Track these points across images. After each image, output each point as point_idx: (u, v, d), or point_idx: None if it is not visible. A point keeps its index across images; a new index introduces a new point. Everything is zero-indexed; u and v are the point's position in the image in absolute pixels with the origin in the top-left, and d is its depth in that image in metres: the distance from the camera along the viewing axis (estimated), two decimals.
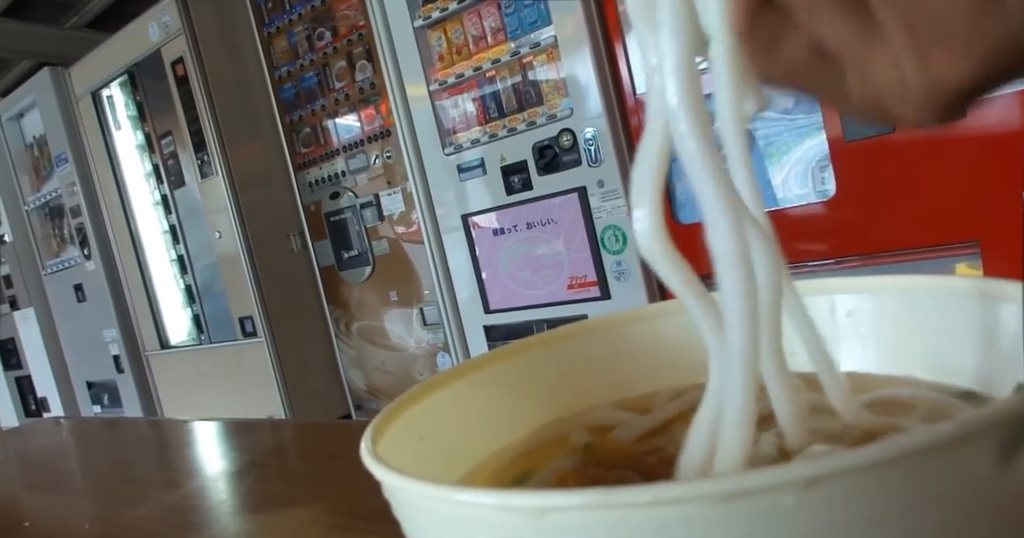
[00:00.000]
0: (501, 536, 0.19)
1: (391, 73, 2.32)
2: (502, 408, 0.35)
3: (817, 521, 0.15)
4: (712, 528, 0.16)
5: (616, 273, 1.98)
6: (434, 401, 0.33)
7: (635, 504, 0.16)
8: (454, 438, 0.33)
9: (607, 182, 1.94)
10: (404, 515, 0.24)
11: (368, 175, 2.51)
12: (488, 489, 0.18)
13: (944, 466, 0.15)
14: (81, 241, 3.42)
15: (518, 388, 0.36)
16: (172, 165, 2.99)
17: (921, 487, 0.15)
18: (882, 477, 0.15)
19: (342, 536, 0.45)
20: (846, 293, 0.29)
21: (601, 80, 1.90)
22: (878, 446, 0.15)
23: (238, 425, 0.98)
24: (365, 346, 2.69)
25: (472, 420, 0.34)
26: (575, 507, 0.17)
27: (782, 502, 0.15)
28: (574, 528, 0.17)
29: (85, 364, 3.65)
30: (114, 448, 1.07)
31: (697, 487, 0.15)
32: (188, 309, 3.21)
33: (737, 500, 0.15)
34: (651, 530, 0.16)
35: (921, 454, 0.15)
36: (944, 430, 0.15)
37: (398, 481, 0.21)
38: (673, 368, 0.33)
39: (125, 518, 0.59)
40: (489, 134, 2.15)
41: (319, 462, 0.72)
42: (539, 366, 0.37)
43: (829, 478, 0.15)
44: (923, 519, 0.15)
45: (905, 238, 1.48)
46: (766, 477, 0.15)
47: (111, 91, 3.18)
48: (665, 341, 0.35)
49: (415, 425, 0.31)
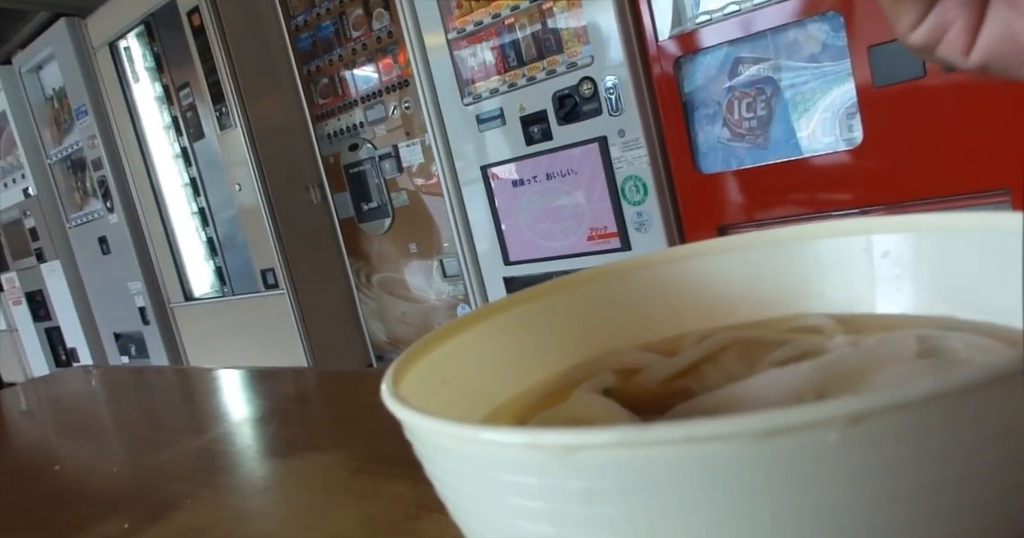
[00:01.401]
0: (527, 476, 0.19)
1: (408, 21, 2.27)
2: (525, 351, 0.35)
3: (862, 460, 0.14)
4: (750, 467, 0.15)
5: (636, 224, 1.96)
6: (456, 344, 0.32)
7: (669, 441, 0.15)
8: (476, 381, 0.33)
9: (628, 132, 1.90)
10: (426, 456, 0.23)
11: (387, 126, 2.49)
12: (513, 427, 0.18)
13: (997, 402, 0.14)
14: (104, 194, 3.45)
15: (541, 331, 0.35)
16: (191, 117, 2.98)
17: (973, 425, 0.14)
18: (933, 414, 0.14)
19: (365, 480, 0.45)
20: (883, 233, 0.28)
21: (623, 27, 1.85)
22: (930, 380, 0.14)
23: (261, 373, 0.99)
24: (385, 298, 2.71)
25: (495, 363, 0.34)
26: (605, 444, 0.16)
27: (825, 439, 0.14)
28: (604, 467, 0.17)
29: (112, 315, 3.71)
30: (141, 395, 1.09)
31: (735, 423, 0.15)
32: (210, 261, 3.24)
33: (777, 437, 0.14)
34: (685, 469, 0.16)
35: (974, 389, 0.14)
36: (999, 363, 0.14)
37: (421, 420, 0.21)
38: (699, 311, 0.33)
39: (152, 462, 0.61)
40: (508, 83, 2.11)
41: (342, 408, 0.73)
42: (562, 310, 0.36)
43: (876, 414, 0.14)
44: (978, 457, 0.15)
45: (933, 187, 1.45)
46: (808, 412, 0.14)
47: (128, 42, 3.15)
48: (690, 283, 0.34)
49: (437, 367, 0.31)
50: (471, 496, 0.22)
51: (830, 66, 1.59)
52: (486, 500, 0.21)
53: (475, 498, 0.22)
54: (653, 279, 0.36)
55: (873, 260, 0.28)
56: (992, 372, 0.14)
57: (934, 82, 1.41)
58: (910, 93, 1.46)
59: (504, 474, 0.20)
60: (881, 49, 1.47)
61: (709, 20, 1.73)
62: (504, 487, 0.20)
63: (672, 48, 1.81)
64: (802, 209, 1.68)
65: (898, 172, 1.51)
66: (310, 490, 0.46)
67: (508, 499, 0.20)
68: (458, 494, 0.23)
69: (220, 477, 0.54)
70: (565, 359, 0.35)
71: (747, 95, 1.75)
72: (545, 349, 0.35)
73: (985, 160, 1.40)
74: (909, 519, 0.15)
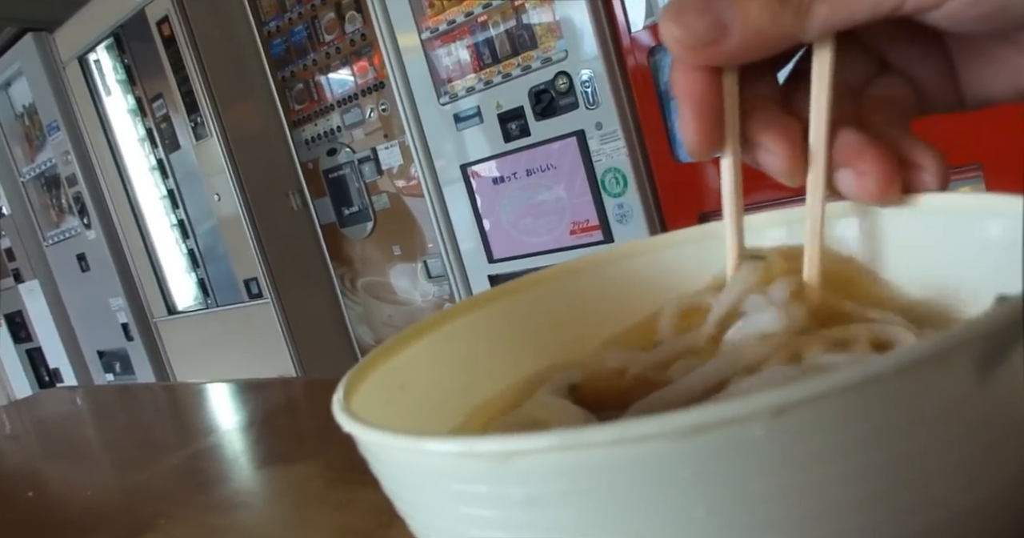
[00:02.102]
0: (474, 485, 0.19)
1: (381, 23, 2.26)
2: (489, 354, 0.35)
3: (788, 450, 0.14)
4: (682, 465, 0.15)
5: (618, 216, 1.96)
6: (416, 350, 0.32)
7: (600, 443, 0.15)
8: (439, 386, 0.32)
9: (605, 124, 1.90)
10: (379, 470, 0.23)
11: (364, 129, 2.48)
12: (450, 436, 0.17)
13: (922, 386, 0.14)
14: (80, 210, 3.41)
15: (506, 332, 0.35)
16: (165, 128, 2.96)
17: (898, 410, 0.14)
18: (856, 401, 0.14)
19: (341, 489, 0.45)
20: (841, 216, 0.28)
21: (596, 20, 1.85)
22: (851, 368, 0.14)
23: (247, 385, 0.99)
24: (371, 302, 2.70)
25: (457, 367, 0.33)
26: (539, 450, 0.16)
27: (751, 433, 0.14)
28: (541, 472, 0.16)
29: (94, 333, 3.67)
30: (125, 414, 1.08)
31: (662, 422, 0.14)
32: (192, 274, 3.22)
33: (704, 433, 0.14)
34: (619, 471, 0.15)
35: (898, 375, 0.14)
36: (921, 348, 0.14)
37: (363, 433, 0.21)
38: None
39: (129, 482, 0.60)
40: (484, 81, 2.11)
41: (324, 418, 0.72)
42: (526, 309, 0.36)
43: (799, 405, 0.14)
44: (900, 443, 0.14)
45: None
46: (733, 407, 0.14)
47: (98, 55, 3.12)
48: (658, 275, 0.34)
49: (396, 374, 0.30)
50: (426, 508, 0.22)
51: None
52: (440, 511, 0.21)
53: (430, 510, 0.22)
54: (617, 274, 0.36)
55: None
56: (911, 359, 0.14)
57: None
58: None
59: (454, 484, 0.19)
60: None
61: None
62: (455, 497, 0.20)
63: (646, 39, 1.81)
64: (780, 193, 1.68)
65: None
66: (286, 503, 0.45)
67: (461, 509, 0.20)
68: (413, 507, 0.23)
69: (196, 495, 0.53)
70: (534, 358, 0.35)
71: None
72: (511, 350, 0.35)
73: (958, 137, 1.40)
74: (840, 506, 0.15)
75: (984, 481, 0.16)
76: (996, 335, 0.15)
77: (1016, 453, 0.17)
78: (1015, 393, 0.16)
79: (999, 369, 0.15)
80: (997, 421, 0.16)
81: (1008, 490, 0.17)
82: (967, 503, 0.16)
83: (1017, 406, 0.16)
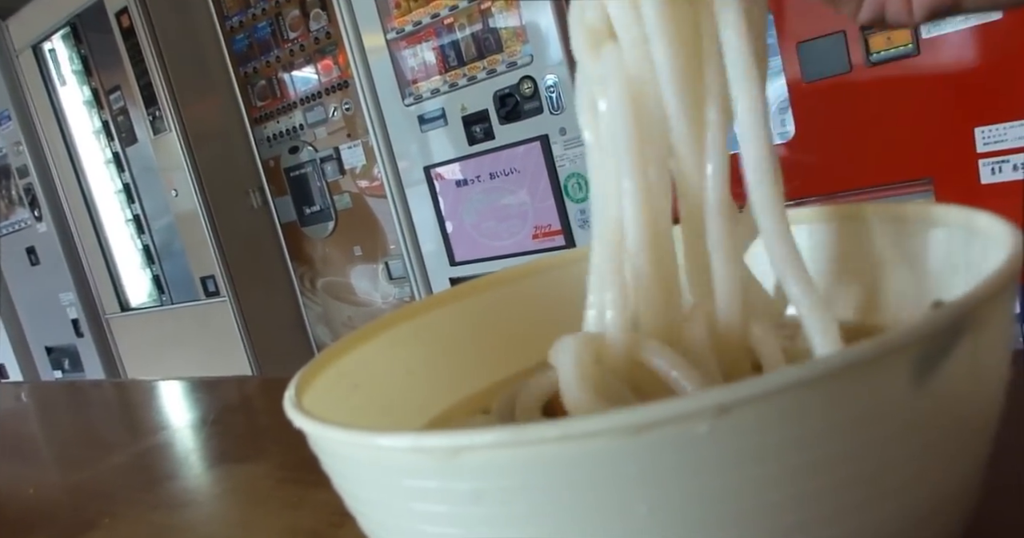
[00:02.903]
0: (425, 480, 0.19)
1: (346, 22, 2.24)
2: (444, 355, 0.35)
3: (731, 448, 0.15)
4: (626, 462, 0.15)
5: (580, 221, 1.97)
6: (370, 349, 0.32)
7: (546, 440, 0.15)
8: (392, 386, 0.32)
9: (569, 130, 1.91)
10: (329, 467, 0.23)
11: (327, 128, 2.45)
12: (401, 432, 0.17)
13: (860, 388, 0.15)
14: (31, 202, 3.32)
15: (460, 334, 0.35)
16: (122, 121, 2.89)
17: (837, 410, 0.15)
18: (797, 401, 0.14)
19: (291, 489, 0.44)
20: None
21: (561, 26, 1.86)
22: (792, 369, 0.14)
23: (200, 383, 0.97)
24: (331, 302, 2.67)
25: (411, 367, 0.33)
26: (486, 445, 0.16)
27: (694, 431, 0.14)
28: (488, 467, 0.16)
29: (43, 329, 3.57)
30: (72, 411, 1.05)
31: (608, 419, 0.15)
32: (147, 270, 3.15)
33: (649, 431, 0.14)
34: (564, 467, 0.15)
35: (836, 376, 0.14)
36: (859, 351, 0.14)
37: (314, 428, 0.20)
38: None
39: (74, 480, 0.58)
40: (449, 83, 2.10)
41: (277, 416, 0.71)
42: (481, 311, 0.36)
43: (742, 404, 0.14)
44: (840, 442, 0.15)
45: (863, 177, 1.49)
46: (678, 405, 0.14)
47: (53, 44, 3.04)
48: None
49: (349, 373, 0.30)
50: (377, 504, 0.22)
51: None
52: (391, 507, 0.21)
53: (381, 506, 0.22)
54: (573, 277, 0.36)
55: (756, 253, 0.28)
56: (849, 361, 0.14)
57: (860, 77, 1.46)
58: (838, 88, 1.50)
59: (404, 479, 0.19)
60: (810, 45, 1.50)
61: None
62: (406, 493, 0.20)
63: None
64: (740, 202, 1.72)
65: (830, 164, 1.55)
66: (236, 502, 0.45)
67: (411, 505, 0.20)
68: (365, 504, 0.23)
69: (143, 493, 0.52)
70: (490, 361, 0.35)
71: None
72: (469, 351, 0.35)
73: (909, 151, 1.45)
74: (778, 503, 0.15)
75: (922, 480, 0.17)
76: (931, 340, 0.15)
77: (953, 453, 0.17)
78: (951, 395, 0.16)
79: (935, 372, 0.15)
80: (934, 422, 0.16)
81: (946, 489, 0.18)
82: (906, 501, 0.17)
83: (953, 408, 0.17)
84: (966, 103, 1.37)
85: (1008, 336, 0.17)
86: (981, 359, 0.16)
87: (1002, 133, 1.35)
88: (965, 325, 0.15)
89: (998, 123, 1.34)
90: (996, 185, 1.36)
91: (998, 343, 0.17)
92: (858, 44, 1.44)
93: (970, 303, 0.16)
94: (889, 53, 1.43)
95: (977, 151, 1.37)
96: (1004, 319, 0.17)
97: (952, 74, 1.38)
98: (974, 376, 0.16)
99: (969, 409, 0.17)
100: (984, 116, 1.36)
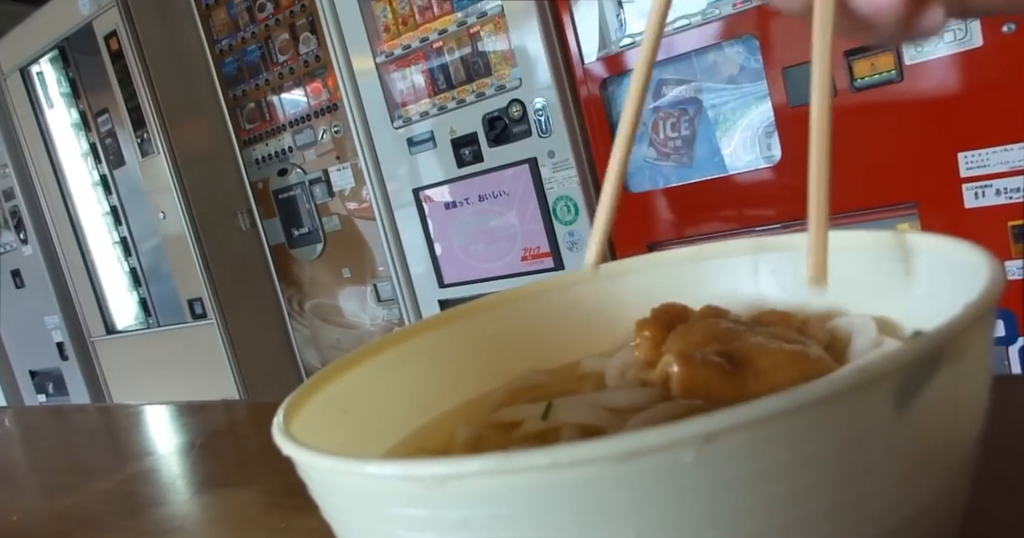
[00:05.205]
0: (412, 508, 0.19)
1: (336, 45, 2.26)
2: (433, 379, 0.35)
3: (717, 476, 0.15)
4: (614, 489, 0.15)
5: (569, 243, 1.98)
6: (359, 374, 0.32)
7: (534, 467, 0.15)
8: (382, 411, 0.32)
9: (558, 153, 1.93)
10: (317, 495, 0.23)
11: (316, 151, 2.46)
12: (388, 460, 0.18)
13: (843, 415, 0.15)
14: (16, 225, 3.30)
15: (449, 358, 0.35)
16: (110, 144, 2.89)
17: (821, 437, 0.15)
18: (781, 428, 0.14)
19: (278, 515, 0.44)
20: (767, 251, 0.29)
21: (550, 50, 1.88)
22: (776, 398, 0.14)
23: (187, 407, 0.96)
24: (319, 324, 2.66)
25: (401, 392, 0.33)
26: (473, 473, 0.16)
27: (681, 458, 0.14)
28: (476, 495, 0.17)
29: (27, 352, 3.53)
30: (57, 436, 1.04)
31: (596, 447, 0.15)
32: (134, 292, 3.12)
33: (637, 459, 0.15)
34: (551, 494, 0.16)
35: (820, 404, 0.14)
36: (842, 379, 0.15)
37: (302, 456, 0.20)
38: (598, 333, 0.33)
39: (56, 507, 0.58)
40: (438, 106, 2.12)
41: (265, 441, 0.71)
42: (470, 335, 0.36)
43: (727, 432, 0.14)
44: (823, 469, 0.15)
45: (848, 201, 1.51)
46: (665, 434, 0.14)
47: (41, 67, 3.04)
48: (590, 306, 0.35)
49: (338, 399, 0.30)
50: (365, 532, 0.22)
51: (748, 87, 1.65)
52: (380, 535, 0.21)
53: (369, 533, 0.22)
54: (561, 302, 0.36)
55: (759, 279, 0.29)
56: (832, 390, 0.14)
57: (845, 102, 1.48)
58: None
59: (392, 507, 0.19)
60: (794, 71, 1.53)
61: (633, 43, 1.78)
62: (394, 521, 0.20)
63: (598, 70, 1.85)
64: (728, 225, 1.73)
65: None
66: (222, 528, 0.44)
67: (399, 533, 0.20)
68: (353, 531, 0.23)
69: (128, 520, 0.51)
70: (472, 385, 0.35)
71: (671, 115, 1.80)
72: (451, 376, 0.35)
73: (894, 175, 1.46)
74: (764, 529, 0.15)
75: (906, 503, 0.17)
76: (911, 368, 0.15)
77: (934, 477, 0.18)
78: (931, 423, 0.17)
79: (915, 400, 0.16)
80: (915, 449, 0.17)
81: (929, 512, 0.18)
82: (891, 524, 0.17)
83: (933, 435, 0.17)
84: (949, 128, 1.39)
85: (987, 364, 0.18)
86: (961, 387, 0.17)
87: (985, 158, 1.37)
88: (944, 354, 0.16)
89: (981, 148, 1.37)
90: (980, 209, 1.38)
91: (977, 371, 0.18)
92: (842, 70, 1.46)
93: (949, 333, 0.16)
94: (873, 79, 1.45)
95: (960, 175, 1.39)
96: (983, 347, 0.17)
97: (935, 100, 1.40)
98: (954, 403, 0.17)
99: (949, 436, 0.17)
100: (967, 141, 1.38)
